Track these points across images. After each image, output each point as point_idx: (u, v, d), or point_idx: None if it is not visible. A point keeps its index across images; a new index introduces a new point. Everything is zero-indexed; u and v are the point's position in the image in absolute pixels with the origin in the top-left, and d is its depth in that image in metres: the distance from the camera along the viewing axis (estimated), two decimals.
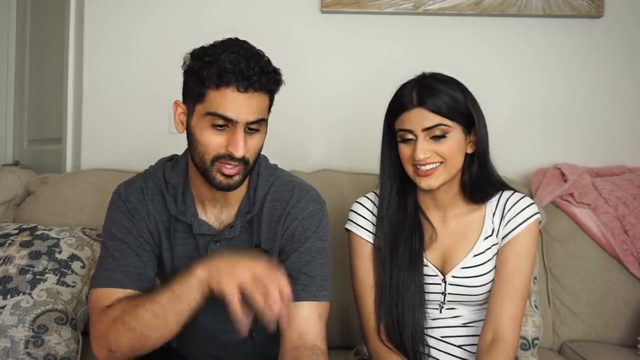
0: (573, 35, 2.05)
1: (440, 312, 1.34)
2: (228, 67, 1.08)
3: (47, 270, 1.56)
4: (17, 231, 1.65)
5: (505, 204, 1.33)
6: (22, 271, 1.55)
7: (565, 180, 1.87)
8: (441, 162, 1.26)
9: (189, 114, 1.15)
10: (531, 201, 1.34)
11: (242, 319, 1.01)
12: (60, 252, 1.60)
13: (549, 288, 1.80)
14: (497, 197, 1.35)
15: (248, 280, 1.02)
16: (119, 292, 1.16)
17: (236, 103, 1.09)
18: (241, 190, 1.22)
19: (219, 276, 1.03)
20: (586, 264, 1.80)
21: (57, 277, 1.56)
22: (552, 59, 2.06)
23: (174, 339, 1.28)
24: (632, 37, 2.06)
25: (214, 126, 1.11)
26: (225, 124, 1.10)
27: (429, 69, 1.33)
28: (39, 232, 1.65)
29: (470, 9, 2.00)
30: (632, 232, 1.79)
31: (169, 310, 1.07)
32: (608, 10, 2.01)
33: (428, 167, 1.26)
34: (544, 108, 2.06)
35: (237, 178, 1.14)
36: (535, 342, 1.64)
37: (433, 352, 1.33)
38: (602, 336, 1.78)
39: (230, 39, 1.15)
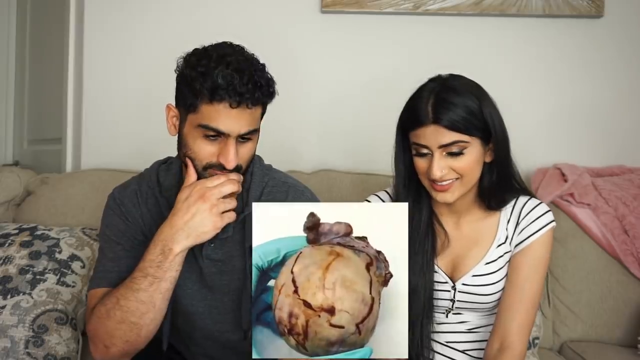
0: (573, 35, 2.05)
1: (447, 316, 1.32)
2: (221, 83, 1.07)
3: (47, 270, 1.56)
4: (17, 231, 1.65)
5: (520, 211, 1.29)
6: (22, 271, 1.55)
7: (565, 180, 1.86)
8: (457, 178, 1.22)
9: (182, 120, 1.16)
10: (547, 208, 1.29)
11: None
12: (60, 252, 1.60)
13: (549, 288, 1.80)
14: (512, 202, 1.31)
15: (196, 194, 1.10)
16: None
17: (228, 117, 1.09)
18: None
19: (194, 232, 1.09)
20: (586, 264, 1.80)
21: (57, 277, 1.56)
22: (552, 59, 2.05)
23: (172, 338, 1.28)
24: (632, 37, 2.06)
25: (206, 137, 1.11)
26: (218, 135, 1.11)
27: (429, 69, 1.30)
28: (39, 232, 1.65)
29: (470, 9, 2.00)
30: (632, 232, 1.78)
31: (155, 292, 1.09)
32: (608, 10, 2.01)
33: (444, 182, 1.22)
34: (544, 108, 2.06)
35: None
36: (536, 342, 1.64)
37: (437, 357, 1.32)
38: (602, 336, 1.78)
39: (225, 45, 1.14)
